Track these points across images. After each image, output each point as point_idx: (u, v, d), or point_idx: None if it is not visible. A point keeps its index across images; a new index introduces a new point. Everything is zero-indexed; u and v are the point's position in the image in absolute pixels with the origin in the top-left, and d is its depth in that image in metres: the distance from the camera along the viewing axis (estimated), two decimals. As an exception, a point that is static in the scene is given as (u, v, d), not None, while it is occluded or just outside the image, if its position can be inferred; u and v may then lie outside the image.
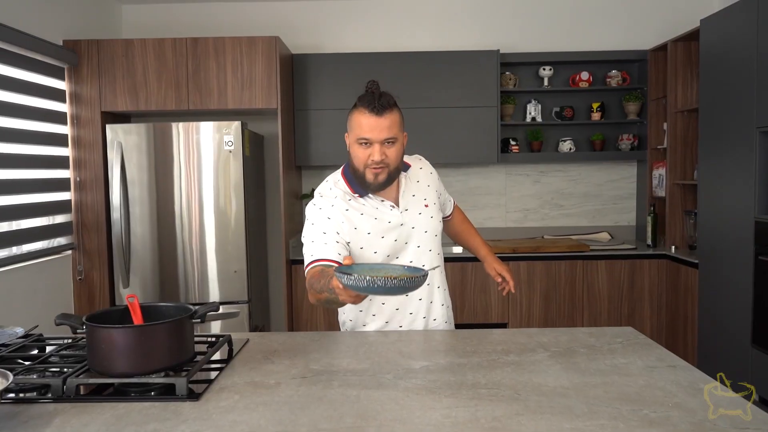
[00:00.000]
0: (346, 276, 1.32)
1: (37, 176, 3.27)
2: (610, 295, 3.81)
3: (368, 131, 1.73)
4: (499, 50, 3.98)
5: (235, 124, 3.42)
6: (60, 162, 3.47)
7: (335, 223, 1.82)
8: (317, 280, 1.66)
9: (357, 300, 1.47)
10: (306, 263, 1.81)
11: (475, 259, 3.88)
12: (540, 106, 4.18)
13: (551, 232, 4.34)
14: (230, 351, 1.73)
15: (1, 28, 2.88)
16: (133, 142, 3.44)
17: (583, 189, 4.36)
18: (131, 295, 1.56)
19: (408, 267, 1.57)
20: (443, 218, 2.09)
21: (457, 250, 3.91)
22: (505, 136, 4.18)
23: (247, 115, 3.99)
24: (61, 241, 3.49)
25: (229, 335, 1.76)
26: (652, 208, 3.99)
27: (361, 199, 1.87)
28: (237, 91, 3.52)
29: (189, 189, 3.46)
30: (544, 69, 4.14)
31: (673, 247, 3.83)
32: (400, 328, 1.94)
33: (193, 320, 1.53)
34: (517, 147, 4.17)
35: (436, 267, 1.87)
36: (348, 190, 1.87)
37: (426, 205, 1.93)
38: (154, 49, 3.50)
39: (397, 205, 1.90)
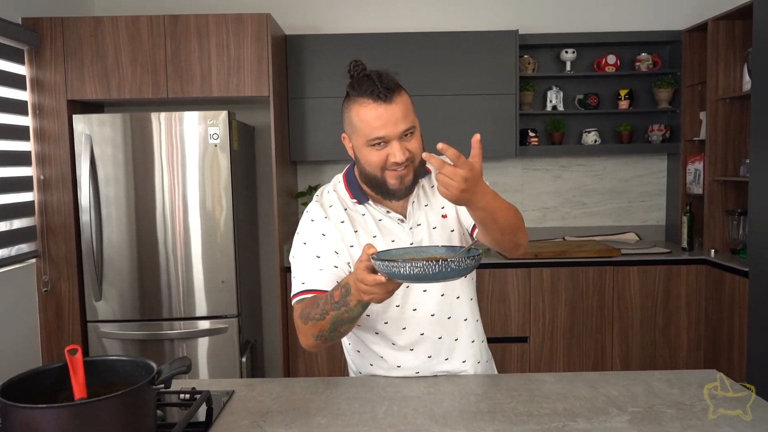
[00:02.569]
0: (387, 263, 1.10)
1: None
2: (643, 304, 3.41)
3: (381, 127, 1.35)
4: (517, 30, 3.55)
5: (222, 115, 2.99)
6: (20, 158, 3.02)
7: (332, 241, 1.47)
8: (313, 306, 1.36)
9: (388, 296, 1.21)
10: (294, 291, 1.46)
11: (493, 266, 3.51)
12: (561, 93, 3.76)
13: (573, 232, 3.93)
14: (209, 413, 1.33)
15: None
16: (105, 135, 3.00)
17: (608, 185, 3.95)
18: (73, 346, 1.14)
19: (448, 248, 1.33)
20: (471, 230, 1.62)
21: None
22: (523, 127, 3.77)
23: (235, 104, 3.55)
24: (23, 248, 3.06)
25: (208, 392, 1.34)
26: (688, 207, 3.59)
27: (360, 208, 1.51)
28: (223, 76, 3.08)
29: (171, 187, 3.03)
30: (566, 52, 3.72)
31: (713, 251, 3.43)
32: (417, 375, 1.54)
33: (155, 386, 1.12)
34: (536, 139, 3.75)
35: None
36: (347, 195, 1.52)
37: (444, 216, 1.53)
38: (128, 29, 3.05)
39: (406, 218, 1.51)
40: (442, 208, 1.53)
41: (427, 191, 1.54)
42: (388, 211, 1.50)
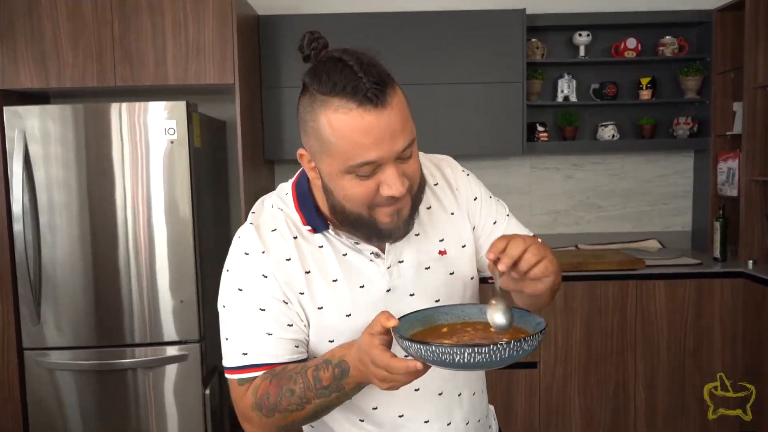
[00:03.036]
0: (435, 349, 0.83)
1: None
2: (671, 323, 2.95)
3: (373, 146, 0.91)
4: (524, 10, 3.10)
5: (178, 106, 2.53)
6: (-57, 158, 2.58)
7: (276, 286, 1.03)
8: (280, 392, 0.98)
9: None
10: (233, 364, 1.04)
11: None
12: (574, 82, 3.30)
13: (587, 239, 3.48)
14: None
15: None
16: (42, 131, 2.55)
17: (627, 186, 3.50)
18: None
19: (466, 306, 1.00)
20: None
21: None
22: (531, 120, 3.31)
23: (203, 95, 3.10)
24: (-52, 263, 2.62)
25: None
26: (720, 212, 3.14)
27: (317, 238, 1.06)
28: (180, 61, 2.63)
29: (123, 189, 2.58)
30: (580, 35, 3.26)
31: (751, 262, 2.98)
32: None
33: None
34: (545, 134, 3.30)
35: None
36: (298, 218, 1.06)
37: (442, 252, 1.10)
38: (67, 6, 2.60)
39: (384, 252, 1.06)
40: (441, 241, 1.09)
41: (421, 214, 1.08)
42: (357, 242, 1.04)
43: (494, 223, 1.15)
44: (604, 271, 2.95)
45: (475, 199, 1.14)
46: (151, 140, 2.55)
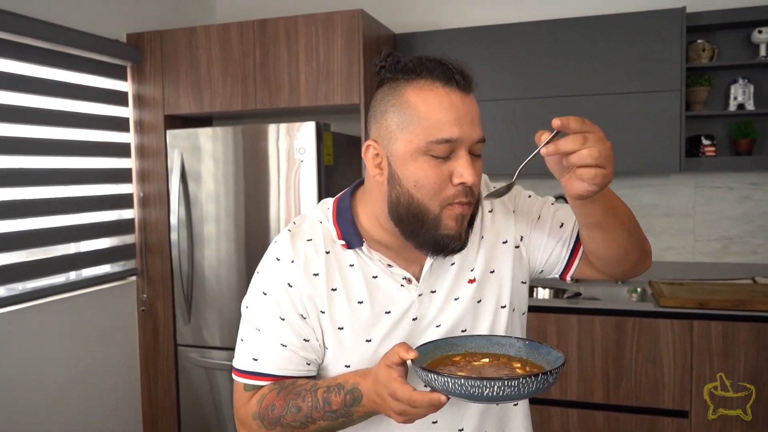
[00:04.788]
0: (461, 382, 0.82)
1: (97, 192, 2.84)
2: None
3: (455, 122, 0.93)
4: (684, 8, 2.73)
5: (306, 126, 2.66)
6: (122, 175, 3.00)
7: (299, 298, 1.02)
8: (286, 406, 0.98)
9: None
10: (243, 367, 1.05)
11: (640, 314, 2.53)
12: (752, 87, 2.83)
13: (766, 271, 2.95)
14: None
15: (51, 28, 2.46)
16: (196, 150, 2.85)
17: (824, 209, 2.91)
18: None
19: (490, 338, 1.00)
20: (565, 268, 1.12)
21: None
22: (694, 133, 2.91)
23: (335, 114, 3.21)
24: (125, 265, 3.04)
25: None
26: None
27: (348, 255, 1.04)
28: (311, 84, 2.76)
29: (258, 207, 2.78)
30: (759, 32, 2.79)
31: None
32: None
33: None
34: (713, 149, 2.87)
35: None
36: (333, 231, 1.06)
37: (471, 281, 1.06)
38: (219, 38, 2.87)
39: (419, 279, 1.04)
40: (472, 270, 1.06)
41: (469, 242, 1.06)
42: (390, 265, 1.03)
43: (538, 218, 1.13)
44: (778, 312, 2.47)
45: (514, 211, 1.13)
46: (286, 159, 2.70)
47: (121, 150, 2.99)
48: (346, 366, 1.02)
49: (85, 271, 2.82)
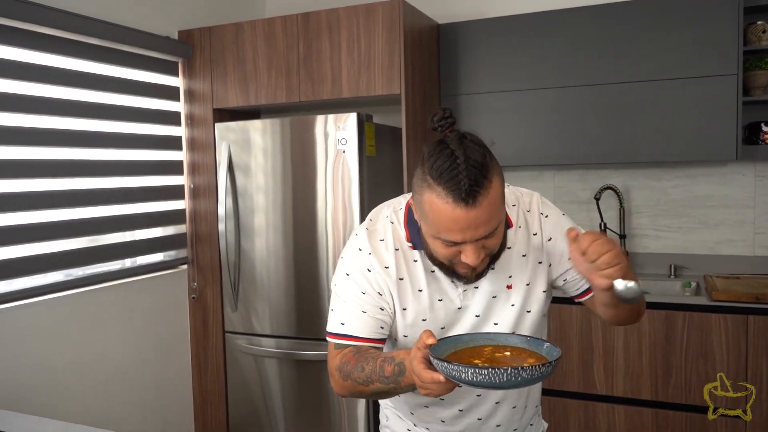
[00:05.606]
0: (447, 366, 0.99)
1: (151, 183, 2.97)
2: None
3: (458, 232, 1.12)
4: (742, -12, 2.60)
5: (350, 117, 2.69)
6: (174, 167, 3.12)
7: (376, 280, 1.30)
8: (356, 365, 1.23)
9: (447, 392, 1.08)
10: (332, 330, 1.33)
11: (690, 307, 2.44)
12: (818, 69, 2.66)
13: (836, 266, 2.78)
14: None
15: (106, 26, 2.58)
16: (243, 143, 2.93)
17: None
18: None
19: (519, 337, 1.15)
20: (579, 295, 1.38)
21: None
22: (753, 120, 2.76)
23: (377, 106, 3.23)
24: (176, 254, 3.16)
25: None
26: None
27: (414, 253, 1.31)
28: (353, 75, 2.78)
29: (304, 198, 2.83)
30: (826, 11, 2.62)
31: None
32: None
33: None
34: (774, 135, 2.72)
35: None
36: (403, 233, 1.31)
37: (509, 287, 1.31)
38: (264, 32, 2.93)
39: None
40: (510, 277, 1.30)
41: (502, 252, 1.29)
42: None
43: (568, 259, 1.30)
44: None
45: (549, 239, 1.32)
46: (331, 151, 2.74)
47: (173, 143, 3.11)
48: (404, 336, 1.30)
49: (139, 259, 2.95)
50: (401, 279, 1.28)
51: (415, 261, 1.29)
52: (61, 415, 2.43)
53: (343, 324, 1.29)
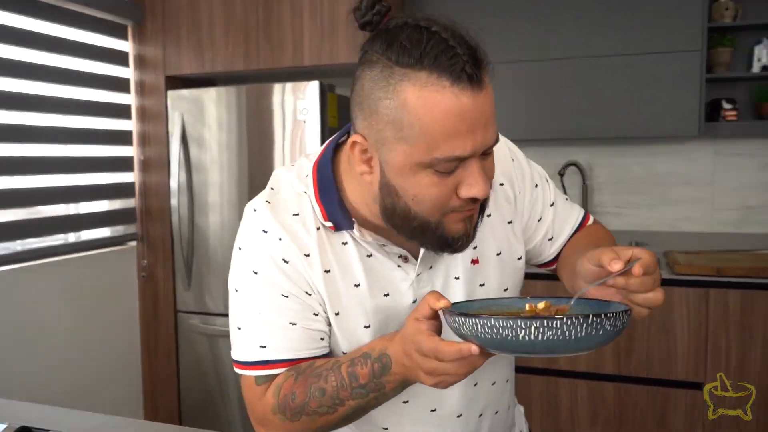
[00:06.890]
0: (496, 323, 0.68)
1: (98, 153, 2.79)
2: None
3: (469, 133, 0.75)
4: (707, -37, 2.61)
5: (309, 85, 2.58)
6: (123, 137, 2.94)
7: (296, 272, 0.89)
8: (308, 390, 0.85)
9: (466, 377, 0.76)
10: (248, 358, 0.91)
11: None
12: (777, 48, 2.70)
13: (789, 243, 2.84)
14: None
15: None
16: (197, 113, 2.78)
17: None
18: None
19: (519, 300, 0.85)
20: (545, 263, 1.09)
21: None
22: (715, 97, 2.78)
23: (342, 77, 3.12)
24: (125, 230, 2.98)
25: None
26: None
27: (341, 235, 0.91)
28: (315, 41, 2.67)
29: (262, 170, 2.71)
30: (786, -10, 2.66)
31: None
32: None
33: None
34: (734, 113, 2.74)
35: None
36: (319, 211, 0.90)
37: (474, 261, 0.95)
38: (221, -6, 2.79)
39: (415, 257, 0.91)
40: (474, 248, 0.94)
41: None
42: (383, 245, 0.90)
43: (538, 220, 1.05)
44: (800, 280, 2.36)
45: (520, 193, 1.01)
46: (287, 120, 2.62)
47: (122, 111, 2.93)
48: (343, 353, 0.91)
49: (84, 233, 2.78)
50: (327, 271, 0.89)
51: (344, 243, 0.91)
52: (-3, 398, 2.25)
53: (263, 347, 0.89)
